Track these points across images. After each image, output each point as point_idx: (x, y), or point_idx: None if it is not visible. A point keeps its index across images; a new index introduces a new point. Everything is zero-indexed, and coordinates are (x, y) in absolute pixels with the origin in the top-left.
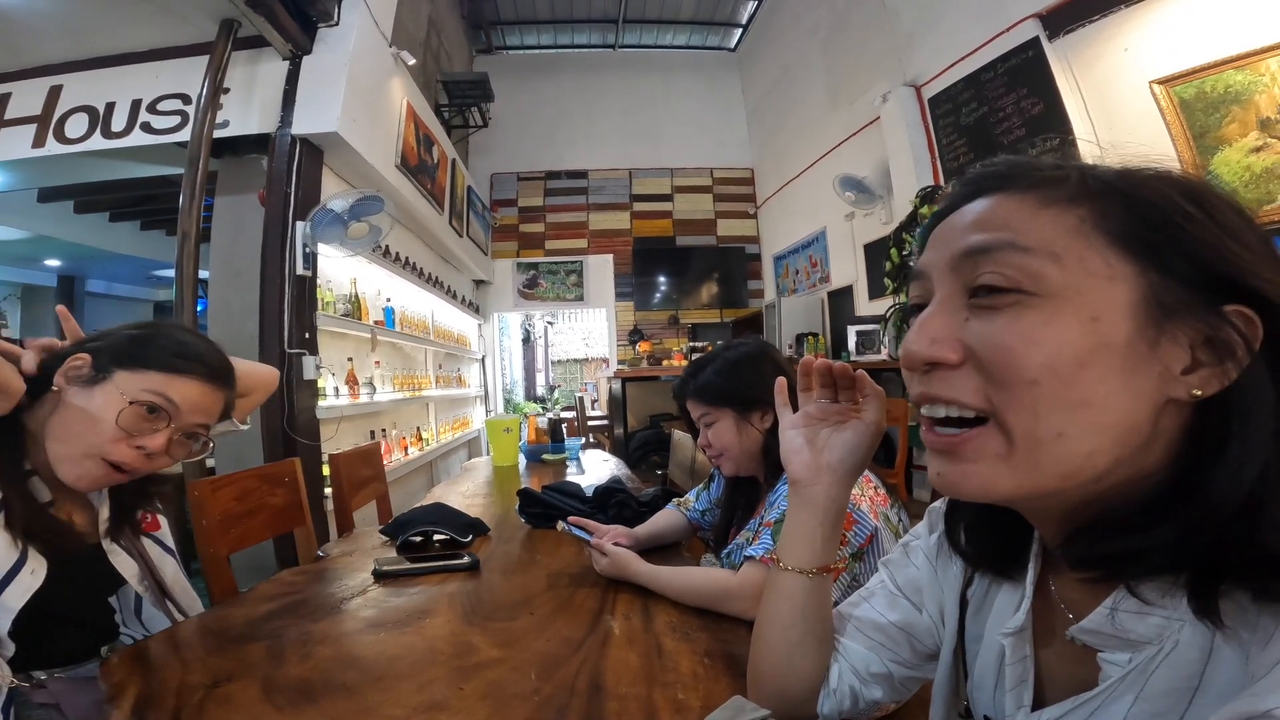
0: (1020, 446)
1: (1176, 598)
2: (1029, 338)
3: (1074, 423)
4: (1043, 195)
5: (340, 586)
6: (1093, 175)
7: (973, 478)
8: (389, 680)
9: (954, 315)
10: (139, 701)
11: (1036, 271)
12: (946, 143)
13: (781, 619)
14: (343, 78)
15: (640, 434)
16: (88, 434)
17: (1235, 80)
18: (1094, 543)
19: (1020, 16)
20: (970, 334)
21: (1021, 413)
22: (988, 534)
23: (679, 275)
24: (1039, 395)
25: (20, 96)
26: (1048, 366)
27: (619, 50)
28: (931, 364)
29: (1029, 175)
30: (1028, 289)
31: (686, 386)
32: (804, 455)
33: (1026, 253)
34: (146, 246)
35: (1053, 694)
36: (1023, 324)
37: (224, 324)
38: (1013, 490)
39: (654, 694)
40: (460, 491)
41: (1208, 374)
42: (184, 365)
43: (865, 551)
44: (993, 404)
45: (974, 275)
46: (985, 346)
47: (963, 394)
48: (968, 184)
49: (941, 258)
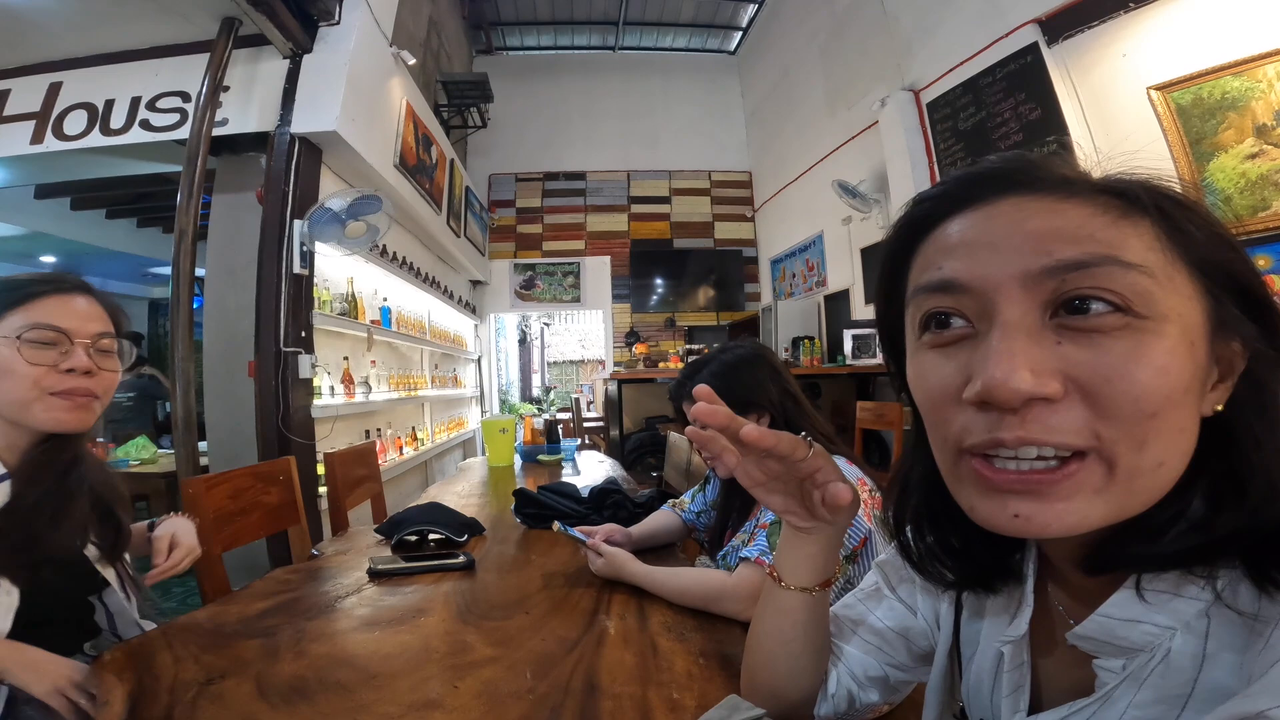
0: (1120, 478)
1: (1165, 607)
2: (1154, 366)
3: (1173, 451)
4: (1111, 203)
5: (335, 585)
6: (1147, 185)
7: (1068, 516)
8: (383, 678)
9: (1042, 340)
10: (131, 698)
11: (1144, 290)
12: (944, 147)
13: (782, 634)
14: (343, 77)
15: (636, 436)
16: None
17: (1232, 86)
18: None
19: (1020, 22)
20: (1069, 362)
21: (1131, 446)
22: (967, 560)
23: (676, 278)
24: (1154, 428)
25: (20, 93)
26: (1167, 396)
27: (619, 52)
28: (1030, 400)
29: (1068, 177)
30: (1138, 311)
31: (683, 388)
32: (797, 513)
33: (1133, 269)
34: (142, 244)
35: (1049, 697)
36: (1142, 350)
37: (220, 322)
38: (1102, 522)
39: (649, 693)
40: (456, 491)
41: (1223, 389)
42: (33, 290)
43: (859, 554)
44: (1100, 439)
45: (1061, 292)
46: (1100, 378)
47: (1066, 434)
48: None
49: (1005, 269)
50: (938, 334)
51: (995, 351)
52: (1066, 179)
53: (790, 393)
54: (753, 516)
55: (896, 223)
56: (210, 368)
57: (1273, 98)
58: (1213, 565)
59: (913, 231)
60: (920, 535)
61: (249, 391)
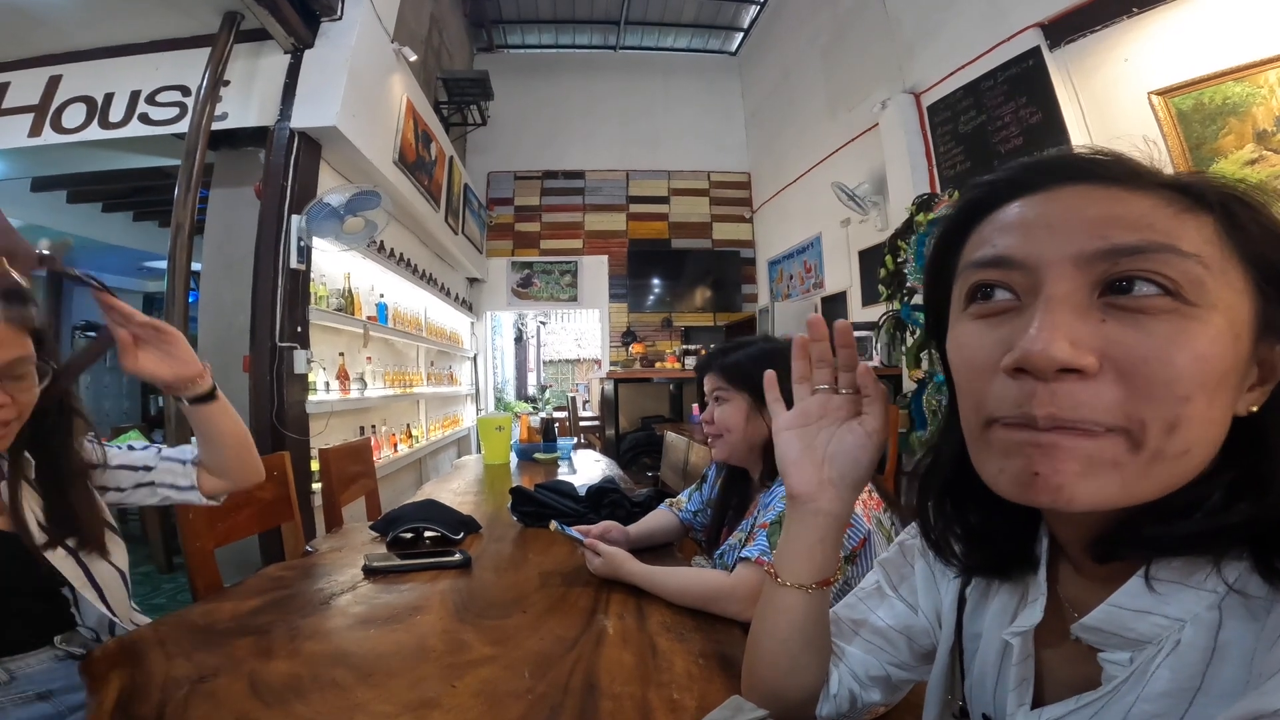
0: (1144, 458)
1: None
2: (1193, 351)
3: (1201, 440)
4: (1174, 197)
5: (329, 582)
6: (1210, 182)
7: (1084, 484)
8: (379, 677)
9: (1087, 316)
10: (122, 696)
11: (1198, 279)
12: (944, 150)
13: (780, 633)
14: (343, 72)
15: (632, 435)
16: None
17: (1234, 92)
18: (1131, 531)
19: (1022, 25)
20: (1110, 340)
21: (1160, 429)
22: (984, 541)
23: (673, 278)
24: (1185, 412)
25: (19, 86)
26: (1202, 383)
27: (620, 51)
28: (1066, 370)
29: (1142, 173)
30: (1189, 298)
31: (714, 360)
32: (804, 469)
33: (1189, 258)
34: (138, 238)
35: (1052, 692)
36: (1184, 335)
37: (215, 316)
38: (1117, 502)
39: (649, 694)
40: (451, 489)
41: (1261, 391)
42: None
43: (858, 555)
44: (1131, 420)
45: (1113, 272)
46: (1138, 358)
47: (1098, 412)
48: (1047, 167)
49: (1061, 249)
50: (983, 304)
51: (1038, 321)
52: (1134, 172)
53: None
54: (749, 515)
55: (956, 202)
56: (204, 362)
57: (1274, 103)
58: (1221, 553)
59: (971, 212)
60: (941, 511)
61: (243, 386)
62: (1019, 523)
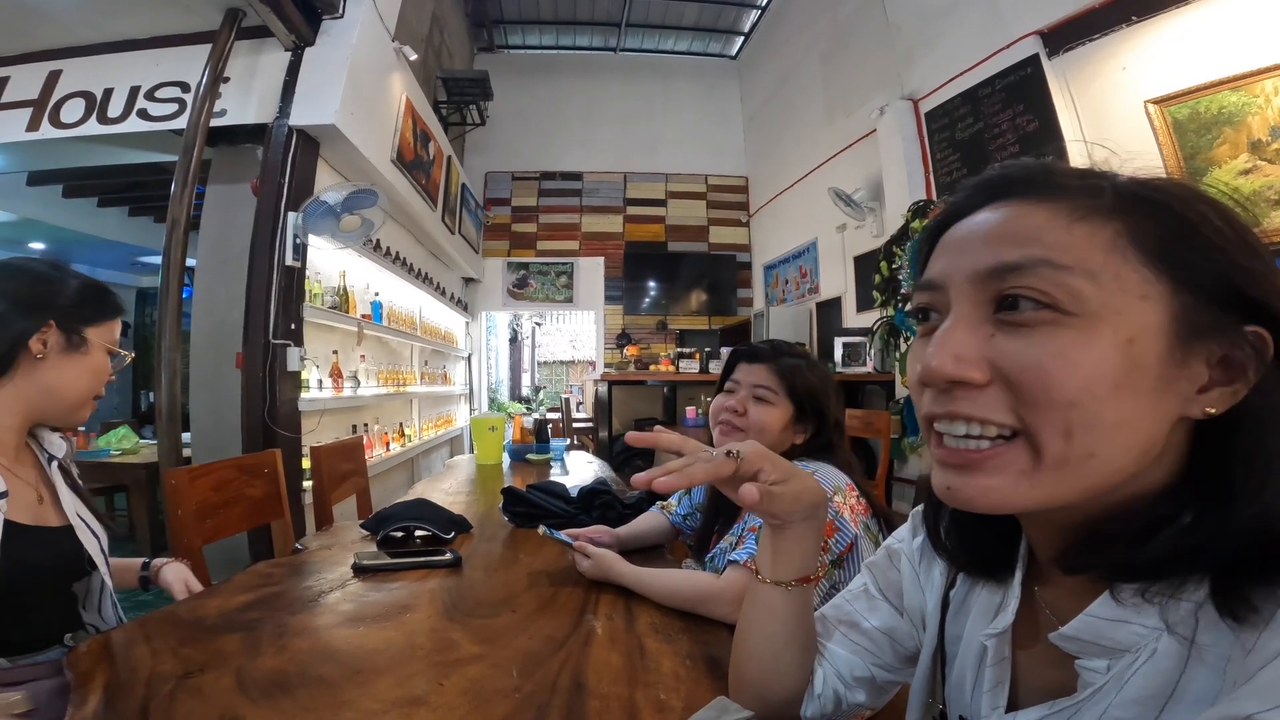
0: (1048, 464)
1: (1157, 606)
2: (1067, 359)
3: (1107, 444)
4: (1076, 206)
5: (319, 580)
6: (1128, 187)
7: (992, 493)
8: (367, 674)
9: (978, 331)
10: (107, 691)
11: (1075, 290)
12: (941, 157)
13: (762, 628)
14: (343, 71)
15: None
16: (92, 385)
17: (1229, 101)
18: (1094, 551)
19: (1022, 33)
20: (998, 352)
21: (1055, 433)
22: (974, 536)
23: (669, 281)
24: (1075, 417)
25: (19, 80)
26: (1085, 389)
27: (620, 53)
28: (954, 382)
29: (1058, 183)
30: (1066, 308)
31: (769, 357)
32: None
33: (1064, 270)
34: (133, 233)
35: (1027, 696)
36: (1059, 344)
37: (209, 312)
38: (1028, 505)
39: (636, 694)
40: (443, 488)
41: (1221, 393)
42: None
43: (845, 559)
44: (1024, 422)
45: (1001, 290)
46: (1018, 367)
47: (992, 412)
48: (984, 187)
49: (962, 270)
50: (923, 324)
51: (935, 340)
52: (1048, 183)
53: (840, 421)
54: (740, 519)
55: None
56: (197, 358)
57: (1269, 113)
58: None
59: (934, 236)
60: (936, 512)
61: (235, 383)
62: (1002, 527)
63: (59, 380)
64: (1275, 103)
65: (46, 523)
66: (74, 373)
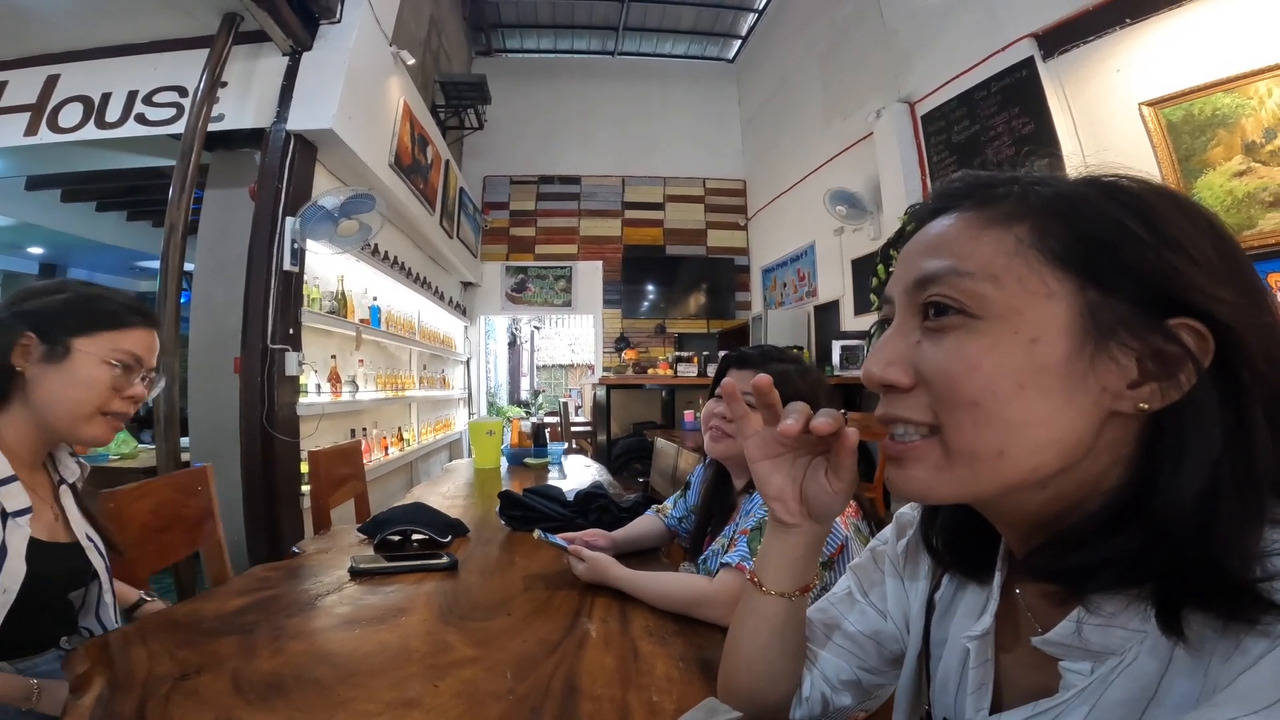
0: (957, 459)
1: (1138, 612)
2: (969, 362)
3: (1015, 442)
4: (986, 215)
5: (315, 583)
6: (1034, 192)
7: (914, 483)
8: (362, 676)
9: (908, 338)
10: (104, 693)
11: (978, 294)
12: (937, 160)
13: (759, 638)
14: (341, 75)
15: (623, 441)
16: (86, 397)
17: (1223, 103)
18: (1054, 555)
19: (1017, 36)
20: (920, 357)
21: (961, 431)
22: (961, 535)
23: (667, 284)
24: (978, 416)
25: (16, 85)
26: (987, 389)
27: (618, 57)
28: (885, 386)
29: (977, 193)
30: (971, 312)
31: (760, 362)
32: (787, 503)
33: (967, 277)
34: (131, 237)
35: (1010, 698)
36: (965, 347)
37: (207, 317)
38: (949, 495)
39: (629, 696)
40: (440, 492)
41: (1156, 388)
42: (127, 319)
43: (836, 561)
44: (939, 420)
45: (923, 299)
46: (931, 370)
47: (915, 412)
48: (933, 200)
49: (900, 282)
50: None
51: (873, 348)
52: (975, 193)
53: None
54: (732, 521)
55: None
56: (195, 363)
57: (1263, 114)
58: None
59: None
60: (935, 511)
61: (233, 387)
62: (986, 529)
63: (46, 392)
64: (1269, 104)
65: (60, 539)
66: (59, 383)
